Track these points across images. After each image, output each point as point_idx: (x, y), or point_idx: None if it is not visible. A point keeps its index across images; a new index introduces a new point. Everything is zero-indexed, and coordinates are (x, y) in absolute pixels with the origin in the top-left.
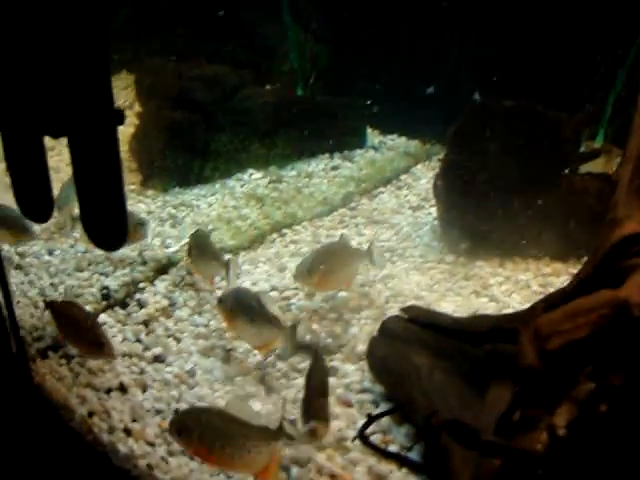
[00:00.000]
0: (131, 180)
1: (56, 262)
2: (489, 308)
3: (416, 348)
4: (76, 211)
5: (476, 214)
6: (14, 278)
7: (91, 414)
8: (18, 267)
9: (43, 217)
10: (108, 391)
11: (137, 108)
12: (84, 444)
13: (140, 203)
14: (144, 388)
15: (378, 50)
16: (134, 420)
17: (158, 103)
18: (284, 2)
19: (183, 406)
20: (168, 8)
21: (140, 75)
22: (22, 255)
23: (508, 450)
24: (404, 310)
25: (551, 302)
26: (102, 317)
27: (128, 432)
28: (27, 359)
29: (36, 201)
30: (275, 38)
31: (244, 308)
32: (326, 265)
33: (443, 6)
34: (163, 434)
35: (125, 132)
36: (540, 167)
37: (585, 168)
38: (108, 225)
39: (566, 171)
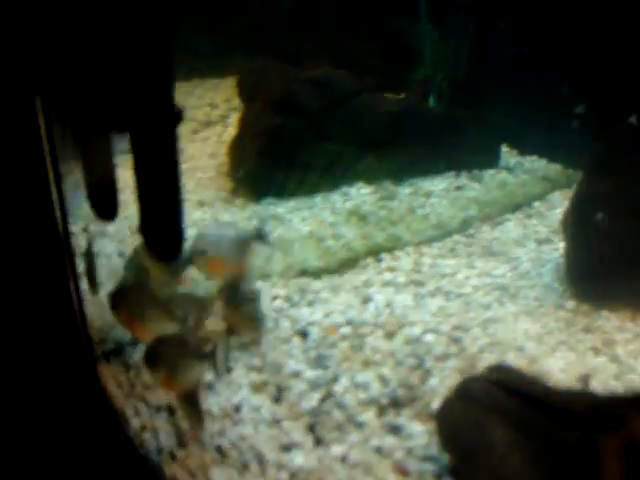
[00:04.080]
0: (222, 187)
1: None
2: (607, 370)
3: (496, 418)
4: None
5: (610, 256)
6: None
7: (143, 428)
8: None
9: (110, 214)
10: (158, 409)
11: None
12: (139, 456)
13: (225, 212)
14: None
15: (526, 64)
16: (179, 445)
17: (259, 106)
18: (422, 7)
19: (224, 442)
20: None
21: (243, 76)
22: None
23: None
24: (490, 370)
25: None
26: None
27: (173, 457)
28: (95, 360)
29: (104, 196)
30: (415, 46)
31: None
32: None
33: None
34: (204, 467)
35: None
36: None
37: None
38: (163, 229)
39: None
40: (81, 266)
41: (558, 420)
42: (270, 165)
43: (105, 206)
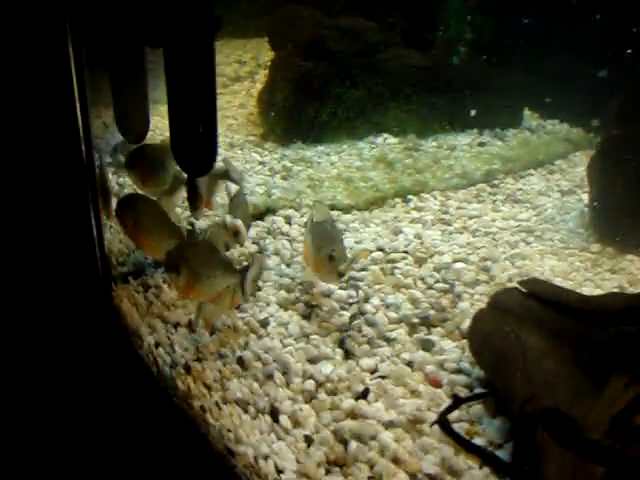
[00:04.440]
0: (251, 132)
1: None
2: None
3: (530, 327)
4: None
5: (636, 200)
6: None
7: (157, 345)
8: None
9: (139, 136)
10: (176, 326)
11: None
12: (149, 375)
13: (255, 153)
14: (212, 330)
15: (549, 28)
16: (196, 359)
17: (289, 51)
18: None
19: (247, 354)
20: None
21: (273, 22)
22: (122, 186)
23: (617, 456)
24: (523, 283)
25: None
26: None
27: (188, 370)
28: (111, 281)
29: (133, 116)
30: (438, 8)
31: None
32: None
33: None
34: (222, 379)
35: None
36: None
37: None
38: (197, 144)
39: None
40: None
41: (593, 322)
42: (299, 109)
43: (131, 126)
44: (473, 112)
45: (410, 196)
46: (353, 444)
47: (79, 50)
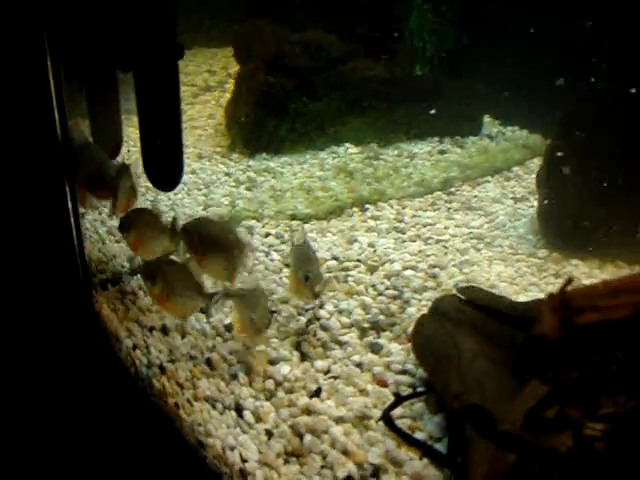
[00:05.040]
0: (219, 143)
1: None
2: None
3: (465, 331)
4: None
5: (580, 208)
6: (88, 215)
7: (135, 347)
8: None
9: (114, 150)
10: (151, 329)
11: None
12: (128, 375)
13: (221, 164)
14: (183, 334)
15: (509, 37)
16: (170, 361)
17: (254, 66)
18: None
19: (214, 356)
20: None
21: (239, 37)
22: None
23: (525, 445)
24: (461, 290)
25: None
26: None
27: (163, 370)
28: (91, 287)
29: (108, 133)
30: (403, 17)
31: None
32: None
33: None
34: (193, 379)
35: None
36: None
37: None
38: (164, 161)
39: None
40: None
41: (520, 326)
42: (262, 120)
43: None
44: (432, 111)
45: (367, 205)
46: (308, 437)
47: (57, 64)
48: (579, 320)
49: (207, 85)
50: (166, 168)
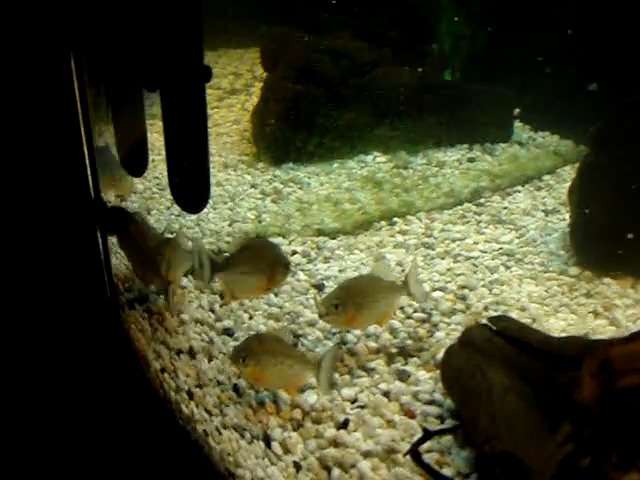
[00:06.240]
0: (244, 151)
1: (151, 220)
2: (606, 332)
3: (496, 364)
4: None
5: (614, 225)
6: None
7: (163, 370)
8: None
9: (139, 170)
10: (178, 353)
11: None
12: (157, 397)
13: (247, 175)
14: (210, 357)
15: (540, 40)
16: (197, 386)
17: (281, 74)
18: None
19: (241, 382)
20: None
21: (265, 45)
22: None
23: None
24: (492, 320)
25: None
26: (183, 281)
27: (191, 395)
28: (119, 306)
29: (134, 152)
30: (433, 20)
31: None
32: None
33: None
34: (220, 405)
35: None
36: None
37: None
38: (190, 185)
39: None
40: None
41: (553, 364)
42: (290, 130)
43: (135, 163)
44: (463, 127)
45: (396, 219)
46: (336, 471)
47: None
48: (619, 383)
49: (233, 88)
50: (192, 192)
